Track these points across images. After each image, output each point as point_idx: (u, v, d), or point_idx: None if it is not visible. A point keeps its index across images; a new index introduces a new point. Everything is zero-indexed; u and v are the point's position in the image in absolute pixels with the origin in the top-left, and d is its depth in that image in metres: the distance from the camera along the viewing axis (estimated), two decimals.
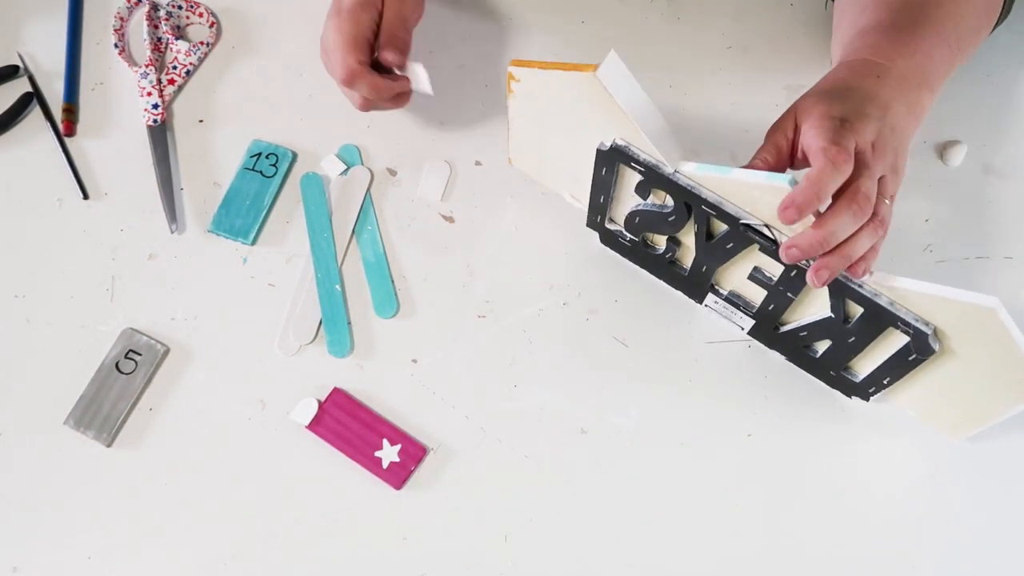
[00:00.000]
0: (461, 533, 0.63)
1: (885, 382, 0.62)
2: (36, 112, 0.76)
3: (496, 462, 0.65)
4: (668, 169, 0.59)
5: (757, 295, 0.64)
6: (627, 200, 0.65)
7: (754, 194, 0.55)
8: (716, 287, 0.66)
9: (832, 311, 0.59)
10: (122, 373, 0.67)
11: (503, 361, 0.68)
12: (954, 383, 0.59)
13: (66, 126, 0.75)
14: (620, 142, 0.60)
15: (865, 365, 0.63)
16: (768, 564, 0.63)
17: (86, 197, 0.73)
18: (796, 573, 0.62)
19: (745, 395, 0.67)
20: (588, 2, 0.80)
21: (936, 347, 0.55)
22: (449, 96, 0.75)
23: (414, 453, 0.64)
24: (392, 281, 0.70)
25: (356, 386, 0.67)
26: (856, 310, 0.58)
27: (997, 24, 0.67)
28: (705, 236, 0.61)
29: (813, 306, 0.62)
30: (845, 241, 0.53)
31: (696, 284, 0.67)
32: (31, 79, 0.77)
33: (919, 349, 0.56)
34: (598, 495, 0.64)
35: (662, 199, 0.62)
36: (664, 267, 0.68)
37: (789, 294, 0.61)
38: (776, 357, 0.67)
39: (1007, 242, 0.71)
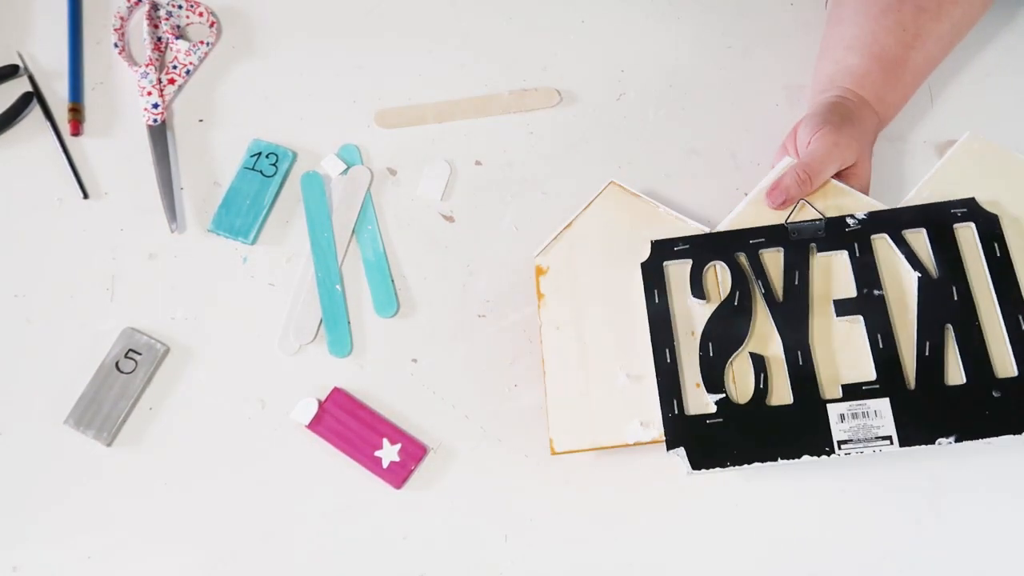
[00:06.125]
0: (461, 533, 0.63)
1: None
2: (36, 112, 0.76)
3: (496, 462, 0.65)
4: (706, 229, 0.66)
5: (863, 354, 0.61)
6: (692, 351, 0.63)
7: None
8: (827, 400, 0.60)
9: (915, 269, 0.62)
10: (122, 373, 0.67)
11: (503, 361, 0.68)
12: None
13: (73, 125, 0.75)
14: (655, 239, 0.65)
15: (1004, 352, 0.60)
16: (769, 563, 0.63)
17: (86, 197, 0.73)
18: (797, 572, 0.62)
19: None
20: (588, 2, 0.80)
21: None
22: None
23: (414, 453, 0.64)
24: (392, 281, 0.70)
25: (356, 386, 0.67)
26: (928, 254, 0.63)
27: None
28: (777, 298, 0.63)
29: (904, 294, 0.63)
30: None
31: (811, 409, 0.60)
32: (31, 79, 0.77)
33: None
34: (598, 494, 0.64)
35: (717, 290, 0.64)
36: (791, 430, 0.60)
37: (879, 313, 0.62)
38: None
39: None
